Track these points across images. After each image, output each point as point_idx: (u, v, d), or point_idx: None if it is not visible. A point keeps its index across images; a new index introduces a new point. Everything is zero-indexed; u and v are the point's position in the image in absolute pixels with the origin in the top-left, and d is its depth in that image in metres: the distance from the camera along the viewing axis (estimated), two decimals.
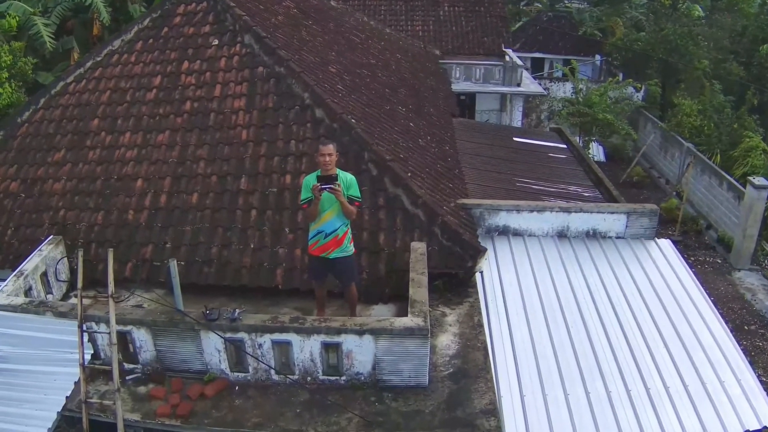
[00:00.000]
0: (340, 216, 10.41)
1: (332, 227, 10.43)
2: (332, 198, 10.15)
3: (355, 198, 10.56)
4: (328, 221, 10.41)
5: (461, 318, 11.21)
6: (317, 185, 9.97)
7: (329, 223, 10.42)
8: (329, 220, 10.40)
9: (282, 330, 9.75)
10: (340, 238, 10.49)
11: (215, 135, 13.64)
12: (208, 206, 12.72)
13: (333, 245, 10.50)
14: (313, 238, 10.59)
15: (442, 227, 12.00)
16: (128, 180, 13.37)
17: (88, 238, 12.81)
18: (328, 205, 10.29)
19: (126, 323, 10.13)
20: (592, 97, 33.24)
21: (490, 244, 13.57)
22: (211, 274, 12.04)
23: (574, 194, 16.79)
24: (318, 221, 10.43)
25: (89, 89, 15.08)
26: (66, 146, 14.20)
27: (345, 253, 10.65)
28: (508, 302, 11.99)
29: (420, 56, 27.49)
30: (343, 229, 10.53)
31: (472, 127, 22.12)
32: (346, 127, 13.17)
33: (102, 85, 15.05)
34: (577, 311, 11.94)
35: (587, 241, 13.95)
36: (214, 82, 14.46)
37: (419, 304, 9.87)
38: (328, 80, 15.52)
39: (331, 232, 10.44)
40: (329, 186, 9.96)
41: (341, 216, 10.42)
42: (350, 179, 10.57)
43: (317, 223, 10.45)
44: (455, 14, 34.85)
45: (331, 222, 10.41)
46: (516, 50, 37.84)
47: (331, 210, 10.35)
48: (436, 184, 13.98)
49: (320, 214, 10.35)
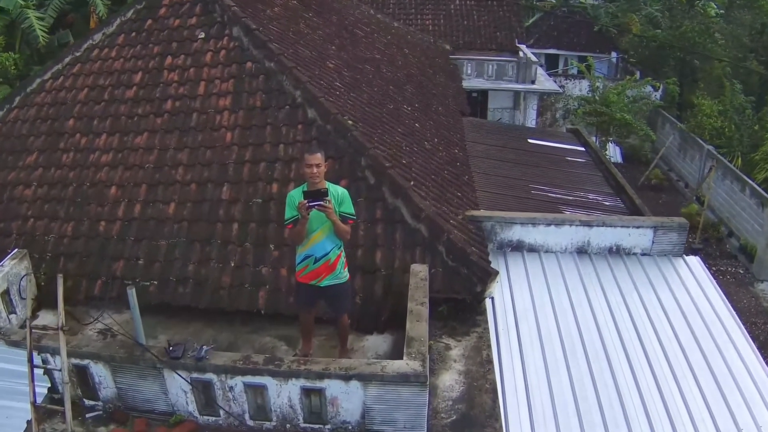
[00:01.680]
0: (331, 237, 8.90)
1: (323, 250, 8.92)
2: (322, 216, 8.63)
3: (349, 215, 9.03)
4: (317, 243, 8.89)
5: (468, 352, 9.62)
6: (304, 202, 8.42)
7: (319, 246, 8.91)
8: (319, 242, 8.89)
9: (255, 372, 8.30)
10: (332, 262, 8.99)
11: (197, 137, 12.33)
12: (186, 217, 11.40)
13: (324, 271, 9.00)
14: (302, 263, 9.08)
15: (448, 245, 10.48)
16: (102, 187, 12.11)
17: (57, 251, 11.59)
18: (318, 225, 8.78)
19: (83, 357, 8.87)
20: (609, 96, 31.75)
21: (502, 261, 12.15)
22: (186, 295, 10.68)
23: (593, 203, 15.35)
24: (306, 244, 8.92)
25: (66, 87, 13.87)
26: (39, 149, 13.02)
27: (338, 280, 9.15)
28: (521, 331, 10.46)
29: (429, 51, 26.07)
30: (336, 252, 9.02)
31: (483, 128, 20.65)
32: (341, 129, 11.75)
33: (80, 82, 13.83)
34: (598, 340, 10.45)
35: (610, 258, 12.48)
36: (198, 78, 13.14)
37: (417, 343, 8.32)
38: (324, 76, 14.10)
39: (322, 256, 8.93)
40: (318, 203, 8.42)
41: (333, 237, 8.91)
42: (342, 193, 9.04)
43: (305, 245, 8.94)
44: (467, 8, 33.50)
45: (321, 244, 8.90)
46: (530, 46, 36.31)
47: (321, 230, 8.83)
48: (442, 193, 12.52)
49: (308, 235, 8.83)
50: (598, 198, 15.82)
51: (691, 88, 37.60)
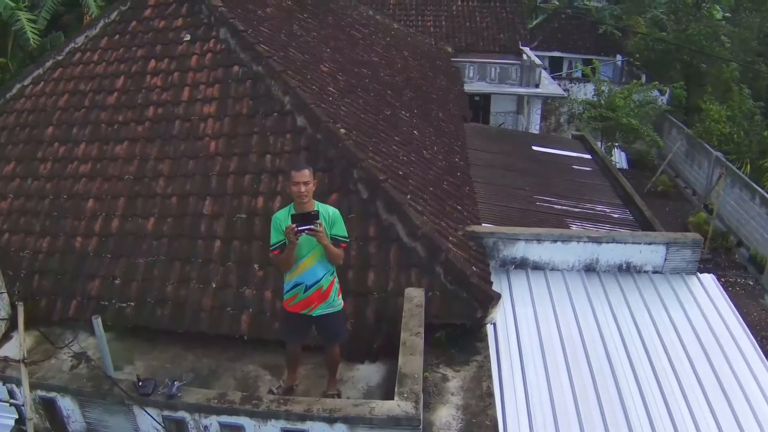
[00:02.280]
0: (323, 263, 8.13)
1: (314, 277, 8.13)
2: (312, 240, 7.88)
3: (342, 238, 8.26)
4: (307, 270, 8.11)
5: (467, 383, 8.82)
6: (292, 226, 7.64)
7: (310, 273, 8.12)
8: (309, 269, 8.10)
9: (231, 412, 7.56)
10: (324, 290, 8.21)
11: (179, 146, 11.60)
12: (166, 233, 10.68)
13: (316, 300, 8.22)
14: (290, 292, 8.29)
15: (446, 266, 9.69)
16: (79, 199, 11.44)
17: (32, 268, 10.94)
18: (308, 250, 8.01)
19: (49, 389, 8.25)
20: (615, 100, 31.02)
21: (505, 280, 11.38)
22: (164, 318, 9.97)
23: (601, 215, 14.60)
24: (294, 270, 8.14)
25: (47, 92, 13.23)
26: (17, 158, 12.39)
27: (332, 308, 8.37)
28: (524, 359, 9.67)
29: (430, 54, 25.36)
30: (329, 279, 8.24)
31: (486, 134, 19.94)
32: (333, 139, 10.98)
33: (61, 88, 13.19)
34: (607, 366, 9.67)
35: (619, 277, 11.68)
36: (182, 83, 12.41)
37: (410, 380, 7.53)
38: (317, 81, 13.33)
39: (313, 284, 8.15)
40: (308, 227, 7.64)
41: (325, 262, 8.14)
42: (333, 214, 8.24)
43: (294, 272, 8.16)
44: (469, 9, 32.80)
45: (311, 271, 8.11)
46: (533, 48, 35.63)
47: (311, 256, 8.05)
48: (441, 206, 11.76)
49: (297, 261, 8.06)
50: (606, 210, 15.07)
51: (698, 92, 36.84)
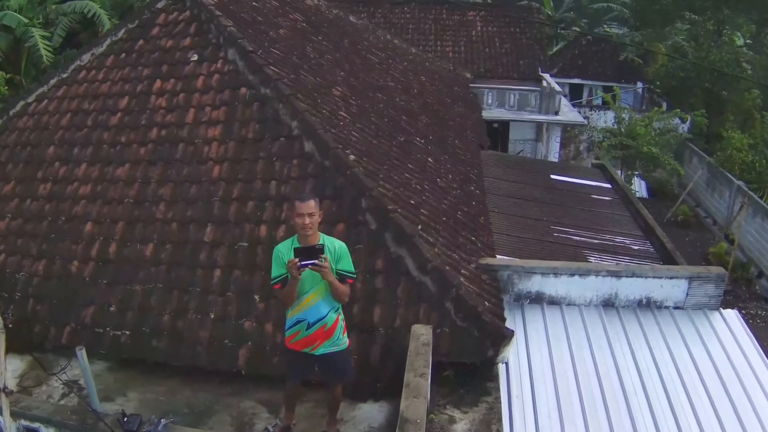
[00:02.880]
0: (327, 299, 7.64)
1: (317, 314, 7.63)
2: (316, 276, 7.38)
3: (348, 274, 7.74)
4: (311, 307, 7.61)
5: (475, 426, 8.30)
6: (295, 261, 7.15)
7: (313, 310, 7.62)
8: (313, 306, 7.61)
9: None
10: (328, 328, 7.71)
11: (182, 170, 11.23)
12: (164, 260, 10.28)
13: (320, 338, 7.71)
14: (292, 329, 7.79)
15: (457, 302, 9.18)
16: (77, 222, 11.10)
17: (26, 292, 10.60)
18: (311, 286, 7.52)
19: (33, 419, 7.89)
20: (636, 128, 30.42)
21: (519, 315, 10.87)
22: (160, 350, 9.55)
23: (620, 247, 14.10)
24: (297, 306, 7.65)
25: (50, 111, 12.99)
26: (16, 177, 12.13)
27: (337, 347, 7.86)
28: (537, 401, 9.14)
29: (448, 79, 24.94)
30: (333, 317, 7.73)
31: (503, 162, 19.43)
32: (341, 166, 10.54)
33: (64, 106, 12.93)
34: (625, 409, 9.10)
35: (639, 313, 11.13)
36: (188, 105, 12.09)
37: (412, 426, 6.99)
38: (328, 105, 12.92)
39: (317, 321, 7.64)
40: (312, 262, 7.16)
41: (329, 299, 7.65)
42: (340, 248, 7.73)
43: (296, 308, 7.67)
44: (489, 35, 32.54)
45: (315, 308, 7.62)
46: (553, 75, 35.17)
47: (315, 291, 7.56)
48: (454, 237, 11.27)
49: (300, 297, 7.56)
50: (626, 241, 14.58)
51: (720, 120, 36.22)
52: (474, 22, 33.17)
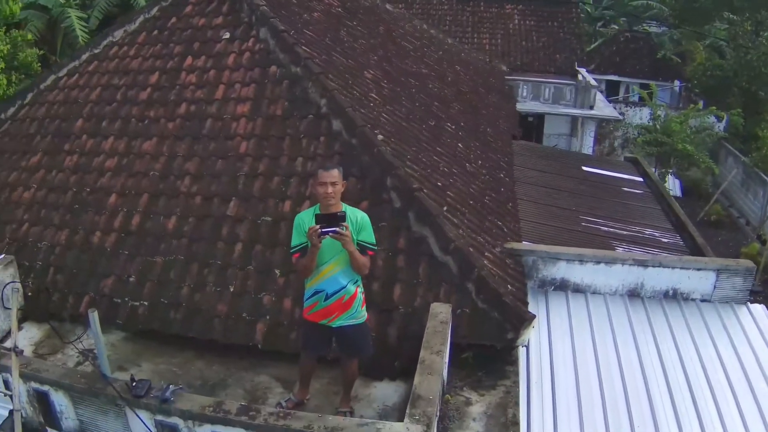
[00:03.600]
0: (347, 270, 7.47)
1: (336, 285, 7.48)
2: (336, 245, 7.23)
3: (369, 245, 7.58)
4: (330, 277, 7.46)
5: (491, 409, 8.09)
6: (315, 228, 7.01)
7: (332, 280, 7.47)
8: (332, 276, 7.46)
9: (226, 423, 6.91)
10: (347, 300, 7.54)
11: (209, 145, 11.14)
12: (186, 234, 10.16)
13: (337, 309, 7.55)
14: (310, 299, 7.65)
15: (478, 283, 8.98)
16: (101, 194, 11.04)
17: (47, 261, 10.55)
18: (331, 256, 7.37)
19: (42, 382, 7.78)
20: (671, 125, 29.94)
21: (542, 302, 10.64)
22: (176, 322, 9.43)
23: (649, 239, 13.81)
24: (315, 277, 7.50)
25: (80, 85, 12.92)
26: (44, 150, 12.09)
27: (354, 320, 7.69)
28: (557, 387, 8.93)
29: (483, 71, 24.69)
30: (352, 289, 7.56)
31: (534, 152, 19.15)
32: (367, 144, 10.40)
33: (94, 81, 12.86)
34: (646, 401, 8.85)
35: (665, 304, 10.86)
36: (217, 81, 11.99)
37: (424, 403, 6.80)
38: (359, 87, 12.76)
39: (335, 293, 7.49)
40: (332, 230, 7.02)
41: (349, 270, 7.48)
42: (362, 219, 7.56)
43: (315, 278, 7.52)
44: (526, 28, 32.11)
45: (334, 278, 7.47)
46: (590, 71, 34.70)
47: (334, 262, 7.41)
48: (480, 221, 11.07)
49: (319, 267, 7.42)
50: (656, 234, 14.27)
51: (756, 120, 35.63)
52: (512, 15, 32.80)
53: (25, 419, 7.94)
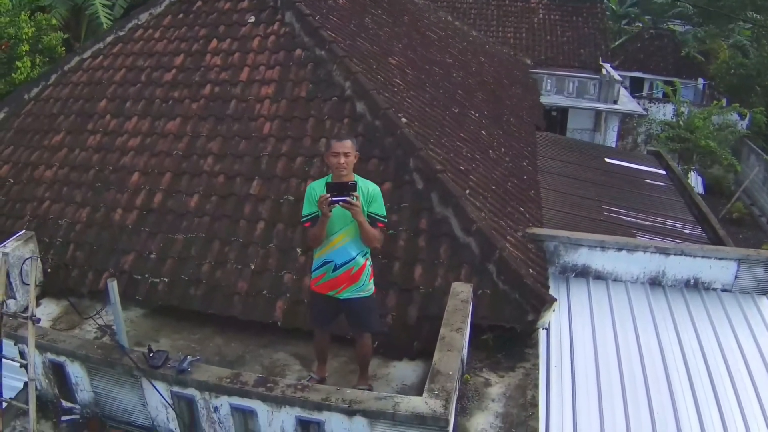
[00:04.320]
0: (356, 242, 7.37)
1: (345, 256, 7.39)
2: (346, 215, 7.14)
3: (379, 217, 7.44)
4: (339, 248, 7.37)
5: (510, 391, 8.01)
6: (326, 196, 6.93)
7: (341, 251, 7.38)
8: (341, 247, 7.36)
9: (243, 394, 6.84)
10: (355, 272, 7.43)
11: (232, 126, 11.12)
12: (208, 212, 10.13)
13: (345, 281, 7.45)
14: (319, 270, 7.55)
15: (500, 265, 8.89)
16: (124, 172, 11.02)
17: (68, 238, 10.55)
18: (341, 226, 7.28)
19: (58, 353, 7.69)
20: (694, 121, 29.76)
21: (563, 288, 10.53)
22: (196, 298, 9.37)
23: (671, 230, 13.66)
24: (325, 247, 7.41)
25: (104, 66, 12.92)
26: (66, 129, 12.10)
27: (361, 293, 7.57)
28: (576, 370, 8.84)
29: (508, 63, 24.52)
30: (360, 261, 7.46)
31: (557, 143, 19.02)
32: (391, 126, 10.33)
33: (119, 63, 12.87)
34: (666, 388, 8.72)
35: (686, 293, 10.74)
36: (242, 64, 11.98)
37: (443, 378, 6.72)
38: (383, 72, 12.70)
39: (343, 264, 7.39)
40: (343, 198, 6.93)
41: (358, 242, 7.38)
42: (373, 191, 7.44)
43: (324, 249, 7.44)
44: (551, 23, 31.97)
45: (343, 249, 7.37)
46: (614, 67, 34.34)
47: (344, 232, 7.32)
48: (502, 206, 10.98)
49: (328, 237, 7.33)
50: (677, 225, 14.11)
51: None
52: (536, 9, 32.66)
53: (40, 391, 7.87)
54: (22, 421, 7.65)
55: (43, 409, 7.83)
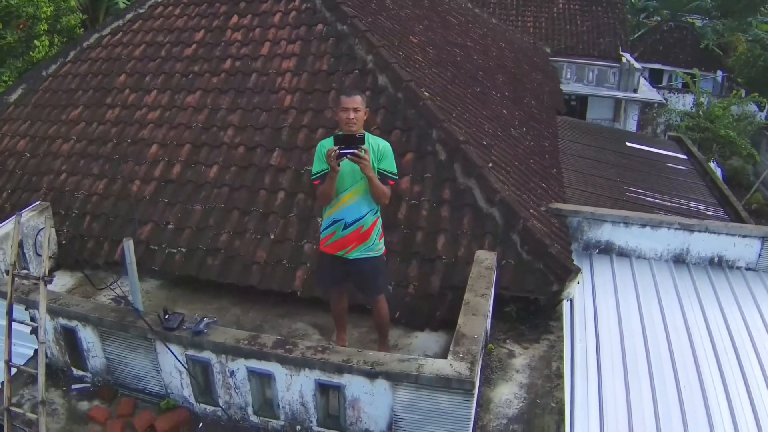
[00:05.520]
0: (367, 199, 7.10)
1: (355, 214, 7.12)
2: (356, 172, 6.89)
3: (389, 174, 7.14)
4: (349, 205, 7.09)
5: (534, 362, 7.74)
6: (333, 149, 6.65)
7: (351, 209, 7.11)
8: (351, 204, 7.08)
9: (261, 356, 6.56)
10: (365, 230, 7.16)
11: (253, 99, 10.93)
12: (227, 182, 9.89)
13: (355, 240, 7.18)
14: (328, 229, 7.29)
15: (524, 235, 8.62)
16: (142, 145, 10.84)
17: (84, 209, 10.34)
18: (351, 183, 7.01)
19: (70, 317, 7.42)
20: (714, 110, 29.39)
21: (587, 265, 10.21)
22: (214, 268, 9.09)
23: (694, 212, 13.36)
24: (335, 205, 7.13)
25: (123, 43, 12.80)
26: (85, 103, 11.98)
27: (371, 253, 7.29)
28: (601, 344, 8.53)
29: (527, 50, 24.17)
30: (371, 219, 7.19)
31: (578, 127, 18.72)
32: (413, 98, 10.08)
33: (138, 39, 12.75)
34: (692, 363, 8.42)
35: (710, 271, 10.44)
36: (263, 39, 11.81)
37: (468, 341, 6.44)
38: (404, 48, 12.41)
39: (354, 222, 7.12)
40: (350, 150, 6.64)
41: (369, 199, 7.10)
42: (383, 147, 7.16)
43: (333, 207, 7.16)
44: (570, 12, 31.52)
45: (353, 207, 7.10)
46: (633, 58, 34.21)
47: (354, 189, 7.04)
48: (524, 181, 10.68)
49: (338, 195, 7.05)
50: (700, 207, 13.82)
51: None
52: None
53: (50, 359, 7.68)
54: (30, 389, 7.46)
55: (53, 377, 7.66)
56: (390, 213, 8.76)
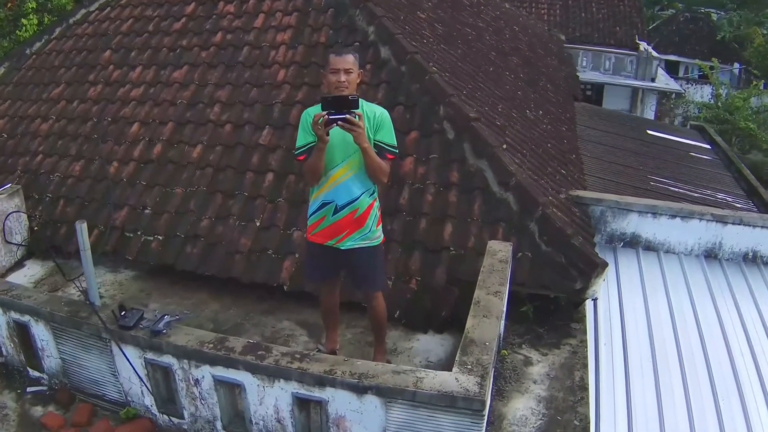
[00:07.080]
0: (361, 177, 5.82)
1: (348, 195, 5.82)
2: (348, 144, 5.61)
3: (387, 147, 5.86)
4: (340, 184, 5.80)
5: (555, 371, 6.62)
6: (321, 114, 5.36)
7: (343, 188, 5.81)
8: (343, 182, 5.80)
9: (228, 363, 5.41)
10: (360, 215, 5.88)
11: (244, 74, 9.96)
12: (212, 163, 8.89)
13: (348, 226, 5.90)
14: (316, 214, 6.02)
15: (542, 223, 7.50)
16: (123, 123, 9.93)
17: (58, 192, 9.44)
18: (342, 157, 5.73)
19: (21, 311, 6.45)
20: (734, 102, 28.28)
21: (611, 259, 9.07)
22: (193, 257, 8.05)
23: (723, 203, 12.25)
24: (324, 185, 5.87)
25: (111, 18, 12.05)
26: (67, 81, 11.19)
27: (367, 242, 6.03)
28: (629, 349, 7.43)
29: (542, 36, 23.05)
30: (366, 201, 5.90)
31: (596, 113, 17.61)
32: (418, 72, 9.01)
33: (126, 13, 11.98)
34: (729, 369, 7.39)
35: (744, 267, 9.39)
36: (257, 11, 10.95)
37: (478, 350, 5.26)
38: (411, 23, 11.33)
39: (347, 204, 5.83)
40: (342, 116, 5.36)
41: (363, 177, 5.82)
42: (381, 115, 5.86)
43: (322, 187, 5.89)
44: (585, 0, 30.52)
45: (345, 186, 5.81)
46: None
47: (346, 165, 5.76)
48: (542, 166, 9.55)
49: (327, 172, 5.80)
50: (728, 198, 12.72)
51: None
52: None
53: (6, 358, 6.84)
54: None
55: (9, 377, 6.84)
56: (390, 197, 7.82)
